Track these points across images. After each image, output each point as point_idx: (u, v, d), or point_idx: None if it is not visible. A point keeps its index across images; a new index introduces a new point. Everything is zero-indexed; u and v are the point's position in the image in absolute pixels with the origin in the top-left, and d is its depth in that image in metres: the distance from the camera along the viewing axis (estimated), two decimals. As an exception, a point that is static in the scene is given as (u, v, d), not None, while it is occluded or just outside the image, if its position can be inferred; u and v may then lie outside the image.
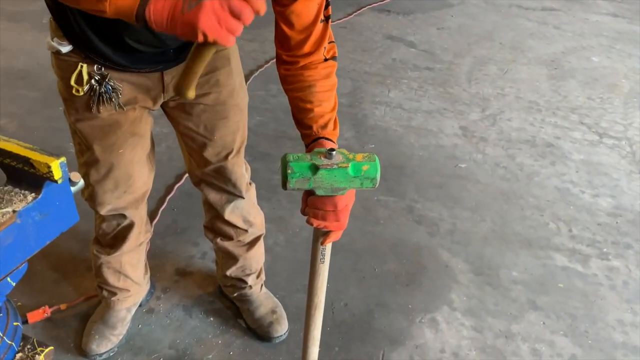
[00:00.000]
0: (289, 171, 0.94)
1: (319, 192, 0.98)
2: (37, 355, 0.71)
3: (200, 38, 0.81)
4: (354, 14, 4.38)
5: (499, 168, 2.67)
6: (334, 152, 0.96)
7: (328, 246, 1.08)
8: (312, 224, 1.03)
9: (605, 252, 2.19)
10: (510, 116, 3.13)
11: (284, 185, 0.96)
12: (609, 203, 2.46)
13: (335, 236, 1.06)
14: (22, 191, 0.64)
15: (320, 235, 1.06)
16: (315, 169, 0.94)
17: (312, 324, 1.20)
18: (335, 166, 0.94)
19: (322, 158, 0.96)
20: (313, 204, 1.01)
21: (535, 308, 1.92)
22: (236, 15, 0.81)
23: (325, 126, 1.12)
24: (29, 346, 0.74)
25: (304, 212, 1.04)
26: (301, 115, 1.15)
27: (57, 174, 0.61)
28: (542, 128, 3.03)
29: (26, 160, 0.62)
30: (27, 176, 0.64)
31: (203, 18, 0.79)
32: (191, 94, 0.89)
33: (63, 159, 0.62)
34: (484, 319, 1.87)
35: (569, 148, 2.86)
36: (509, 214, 2.36)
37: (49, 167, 0.60)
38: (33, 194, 0.64)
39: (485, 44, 4.05)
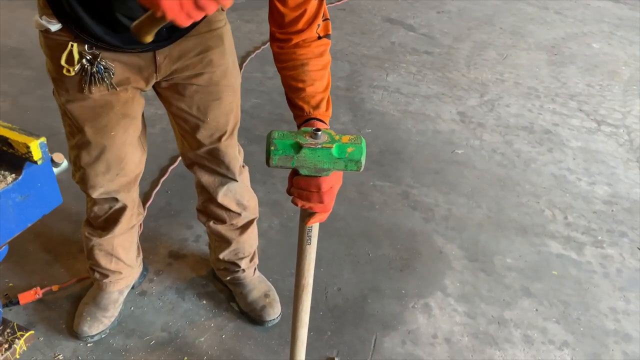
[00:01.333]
0: (272, 148, 0.93)
1: (302, 172, 0.97)
2: (17, 340, 0.70)
3: (159, 14, 0.81)
4: (353, -4, 4.32)
5: (496, 154, 2.65)
6: (319, 132, 0.95)
7: (315, 228, 1.07)
8: (296, 204, 1.03)
9: (600, 240, 2.19)
10: (509, 102, 3.10)
11: (267, 161, 0.95)
12: (605, 191, 2.46)
13: (319, 217, 1.05)
14: (2, 172, 0.62)
15: (305, 216, 1.05)
16: (298, 147, 0.93)
17: (299, 305, 1.19)
18: (319, 146, 0.92)
19: (307, 137, 0.94)
20: (297, 184, 1.00)
21: (529, 295, 1.92)
22: (199, 7, 0.82)
23: (317, 106, 1.10)
24: (8, 330, 0.72)
25: (289, 192, 1.03)
26: (293, 94, 1.12)
27: (37, 154, 0.59)
28: (541, 114, 3.01)
29: (4, 140, 0.59)
30: (7, 157, 0.62)
31: (165, 2, 0.79)
32: (149, 39, 0.90)
33: (43, 140, 0.60)
34: (477, 305, 1.87)
35: (567, 135, 2.84)
36: (504, 201, 2.35)
37: (28, 147, 0.58)
38: (13, 175, 0.62)
39: (486, 29, 4.01)
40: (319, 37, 1.13)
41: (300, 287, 1.15)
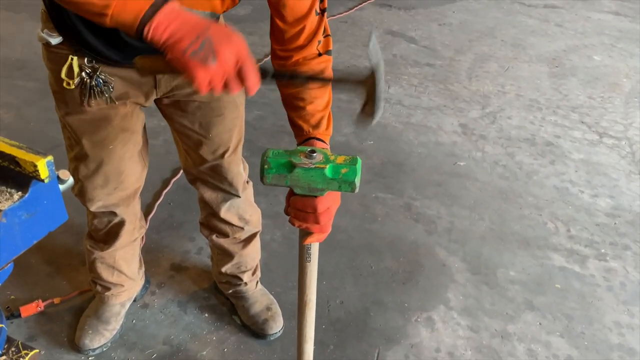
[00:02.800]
0: (266, 166, 0.94)
1: (297, 191, 0.97)
2: (21, 358, 0.69)
3: (186, 79, 0.84)
4: (355, 8, 4.35)
5: (498, 166, 2.65)
6: (315, 153, 0.95)
7: (314, 246, 1.07)
8: (293, 224, 1.02)
9: (603, 252, 2.18)
10: (511, 114, 3.11)
11: (262, 179, 0.96)
12: (608, 203, 2.45)
13: (317, 237, 1.04)
14: (9, 190, 0.62)
15: (303, 235, 1.05)
16: (291, 166, 0.93)
17: (303, 321, 1.19)
18: (312, 166, 0.92)
19: (302, 157, 0.94)
20: (294, 204, 1.00)
21: (532, 308, 1.91)
22: (227, 88, 0.86)
23: (317, 125, 1.10)
24: (13, 349, 0.72)
25: (286, 212, 1.03)
26: (293, 113, 1.13)
27: (44, 173, 0.59)
28: (542, 127, 3.01)
29: (12, 159, 0.60)
30: (13, 174, 0.62)
31: (200, 75, 0.82)
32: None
33: (50, 158, 0.60)
34: (480, 318, 1.86)
35: (569, 147, 2.85)
36: (507, 213, 2.35)
37: (35, 166, 0.59)
38: (20, 193, 0.62)
39: (487, 41, 4.03)
40: (320, 54, 1.13)
41: (302, 303, 1.15)
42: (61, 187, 0.68)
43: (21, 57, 3.26)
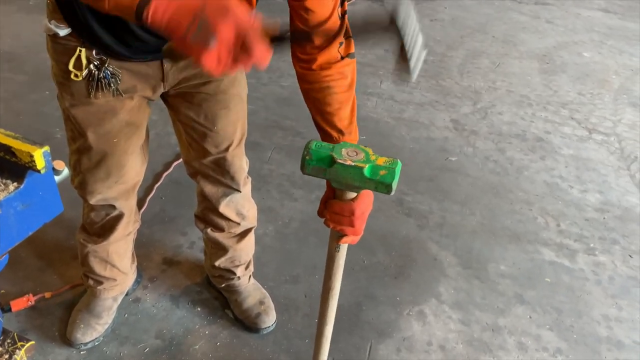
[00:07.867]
0: (307, 157, 0.95)
1: (333, 185, 0.98)
2: (17, 350, 0.69)
3: (198, 66, 0.78)
4: (347, 3, 4.34)
5: (489, 162, 2.67)
6: (357, 150, 0.96)
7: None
8: (328, 226, 1.04)
9: (592, 247, 2.21)
10: (501, 110, 3.13)
11: (302, 168, 0.97)
12: (597, 199, 2.48)
13: (350, 239, 1.06)
14: (4, 180, 0.62)
15: (336, 236, 1.07)
16: (332, 161, 0.94)
17: (326, 305, 1.23)
18: (352, 164, 0.93)
19: (344, 152, 0.95)
20: (331, 208, 1.01)
21: (522, 302, 1.93)
22: (236, 63, 0.79)
23: (345, 132, 1.12)
24: (9, 340, 0.71)
25: (320, 214, 1.04)
26: (319, 117, 1.13)
27: (40, 163, 0.59)
28: (533, 122, 3.04)
29: (7, 149, 0.59)
30: (9, 165, 0.62)
31: (204, 58, 0.76)
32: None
33: (46, 148, 0.60)
34: (471, 312, 1.88)
35: (559, 143, 2.87)
36: (498, 208, 2.37)
37: (32, 156, 0.58)
38: (15, 184, 0.62)
39: (478, 37, 4.05)
40: (342, 58, 1.12)
41: (327, 289, 1.19)
42: (56, 178, 0.67)
43: (10, 49, 3.23)
